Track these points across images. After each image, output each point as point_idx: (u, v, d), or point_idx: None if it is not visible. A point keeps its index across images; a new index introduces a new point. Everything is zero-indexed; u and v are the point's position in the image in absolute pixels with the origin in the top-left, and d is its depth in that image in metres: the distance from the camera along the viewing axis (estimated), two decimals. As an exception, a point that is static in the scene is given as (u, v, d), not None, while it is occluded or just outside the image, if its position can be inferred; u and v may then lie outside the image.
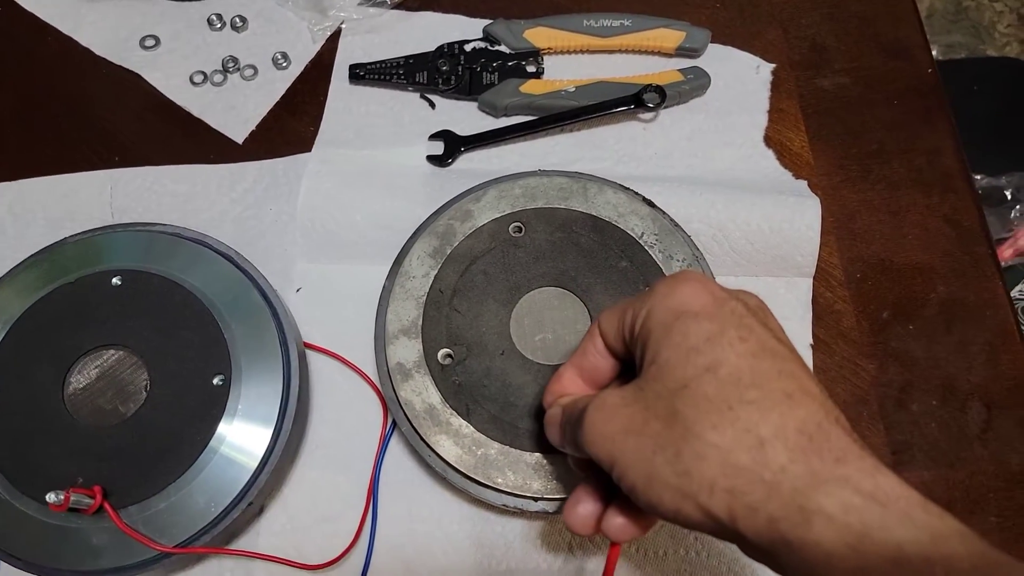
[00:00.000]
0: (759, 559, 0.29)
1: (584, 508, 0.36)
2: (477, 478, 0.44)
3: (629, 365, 0.36)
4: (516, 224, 0.50)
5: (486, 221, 0.50)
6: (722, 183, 0.55)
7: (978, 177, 0.97)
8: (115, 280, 0.48)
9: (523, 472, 0.44)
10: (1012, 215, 1.05)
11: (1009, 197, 1.05)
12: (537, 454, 0.44)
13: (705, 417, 0.29)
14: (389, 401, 0.47)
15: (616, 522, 0.35)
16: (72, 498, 0.40)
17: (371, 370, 0.51)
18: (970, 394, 0.52)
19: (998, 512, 0.49)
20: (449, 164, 0.58)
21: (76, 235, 0.50)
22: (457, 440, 0.45)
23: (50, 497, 0.39)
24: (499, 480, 0.44)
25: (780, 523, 0.27)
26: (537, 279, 0.48)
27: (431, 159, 0.58)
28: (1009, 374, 0.52)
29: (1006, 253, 1.07)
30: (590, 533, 0.36)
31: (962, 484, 0.50)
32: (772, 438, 0.28)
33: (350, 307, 0.52)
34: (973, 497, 0.50)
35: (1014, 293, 1.08)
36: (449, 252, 0.49)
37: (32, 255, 0.49)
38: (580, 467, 0.38)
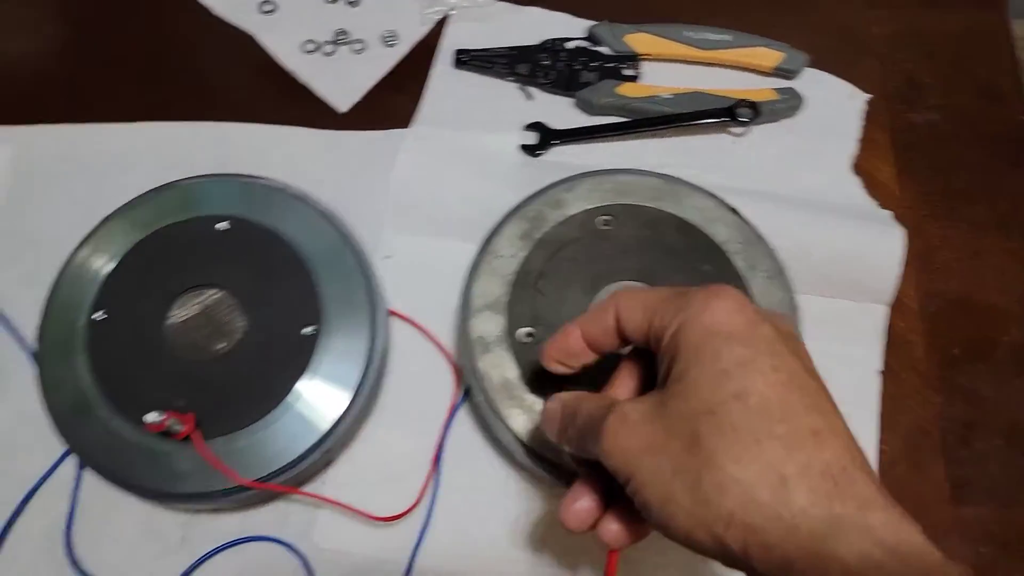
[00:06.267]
0: None
1: (581, 505, 0.35)
2: (545, 455, 0.45)
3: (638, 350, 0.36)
4: (605, 217, 0.51)
5: (576, 211, 0.51)
6: (807, 203, 0.56)
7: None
8: (221, 225, 0.50)
9: (590, 454, 0.45)
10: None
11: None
12: (606, 439, 0.45)
13: (730, 448, 0.28)
14: (466, 372, 0.48)
15: (612, 528, 0.34)
16: (168, 421, 0.42)
17: (446, 341, 0.53)
18: (1036, 439, 0.52)
19: (1052, 559, 0.49)
20: (540, 155, 0.59)
21: (191, 178, 0.53)
22: (530, 416, 0.46)
23: (151, 416, 0.41)
24: (564, 460, 0.45)
25: (795, 564, 0.27)
26: (620, 272, 0.50)
27: (524, 148, 0.59)
28: (1077, 424, 0.52)
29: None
30: (584, 530, 0.35)
31: (1019, 526, 0.50)
32: (796, 477, 0.27)
33: (432, 279, 0.54)
34: (1028, 541, 0.50)
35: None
36: (538, 237, 0.51)
37: (150, 190, 0.52)
38: (579, 463, 0.37)
